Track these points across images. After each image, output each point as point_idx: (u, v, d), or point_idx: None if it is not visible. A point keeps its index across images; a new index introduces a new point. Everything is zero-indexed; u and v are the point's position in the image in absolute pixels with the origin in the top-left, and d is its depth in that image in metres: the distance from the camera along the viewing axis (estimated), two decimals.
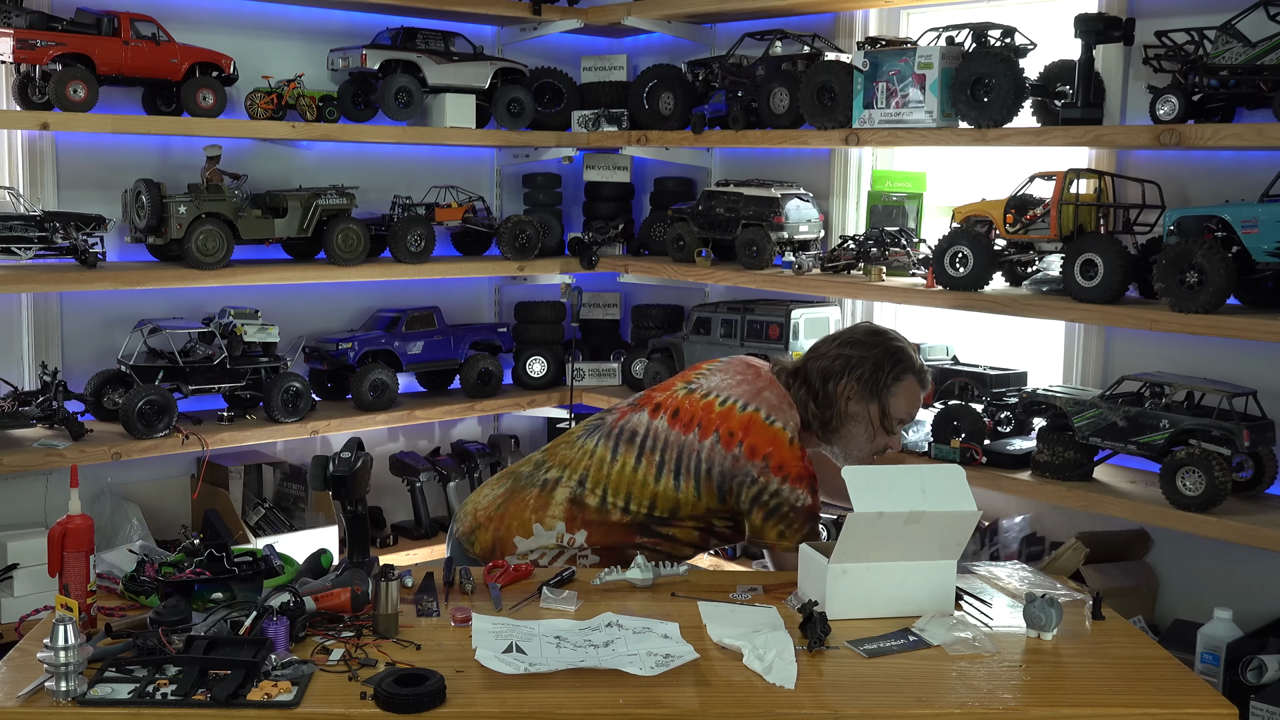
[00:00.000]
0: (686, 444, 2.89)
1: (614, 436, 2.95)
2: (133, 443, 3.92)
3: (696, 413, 2.92)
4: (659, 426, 2.93)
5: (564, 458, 2.99)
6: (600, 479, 2.91)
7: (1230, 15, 3.26)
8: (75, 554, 2.38)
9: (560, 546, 2.91)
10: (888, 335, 3.04)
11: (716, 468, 2.87)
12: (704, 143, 4.59)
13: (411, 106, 4.51)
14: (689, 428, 2.91)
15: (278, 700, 2.07)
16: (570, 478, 2.94)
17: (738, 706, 2.16)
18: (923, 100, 3.82)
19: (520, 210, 5.13)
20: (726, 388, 2.96)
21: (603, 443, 2.96)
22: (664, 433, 2.92)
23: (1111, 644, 2.48)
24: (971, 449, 3.67)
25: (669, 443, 2.90)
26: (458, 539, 3.05)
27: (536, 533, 2.92)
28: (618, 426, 2.98)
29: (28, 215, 3.83)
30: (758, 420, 2.88)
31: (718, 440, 2.87)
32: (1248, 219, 3.16)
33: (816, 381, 2.98)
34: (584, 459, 2.95)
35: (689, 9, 4.63)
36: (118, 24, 3.94)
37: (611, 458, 2.92)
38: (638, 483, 2.89)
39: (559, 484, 2.94)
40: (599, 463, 2.93)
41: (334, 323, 4.80)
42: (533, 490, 2.96)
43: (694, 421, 2.91)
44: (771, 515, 2.86)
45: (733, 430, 2.87)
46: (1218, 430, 3.21)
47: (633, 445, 2.92)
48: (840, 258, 4.24)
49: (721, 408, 2.91)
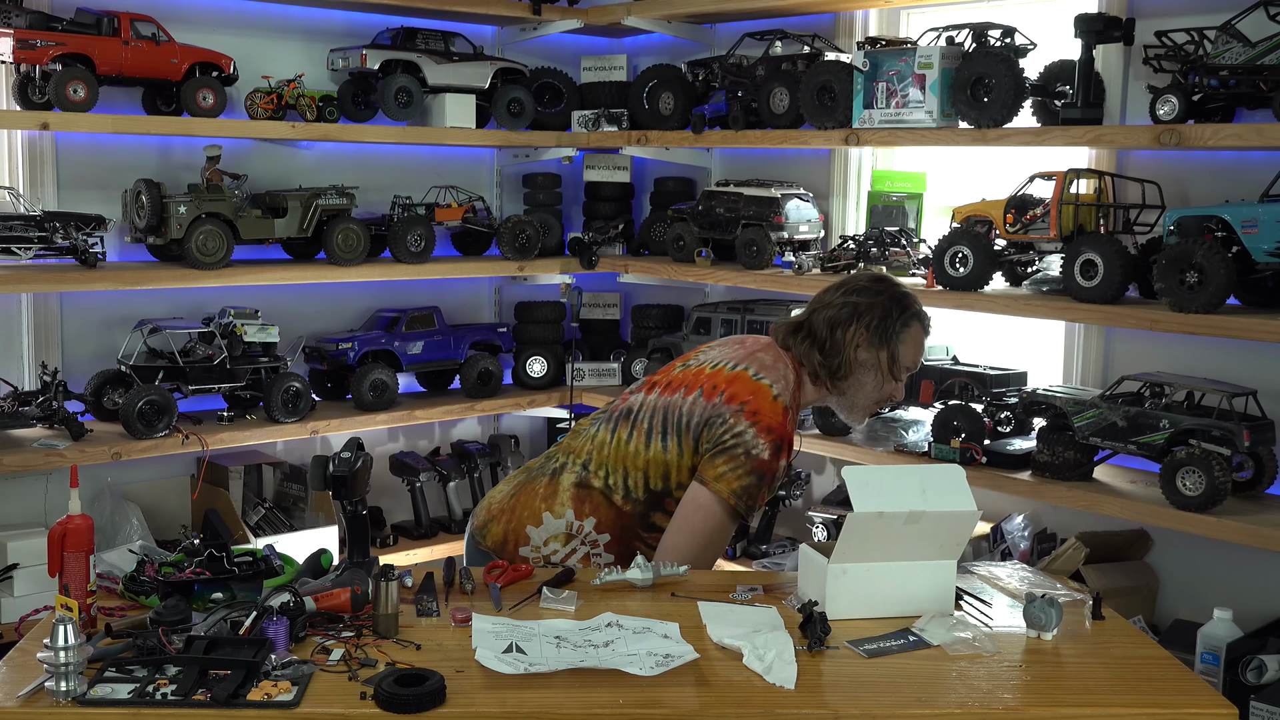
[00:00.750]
0: (671, 404, 2.86)
1: (613, 419, 2.97)
2: (133, 443, 3.92)
3: (688, 379, 2.90)
4: (651, 399, 2.91)
5: (570, 446, 3.01)
6: (601, 460, 2.92)
7: (1230, 15, 3.26)
8: (75, 554, 2.38)
9: (570, 534, 2.90)
10: (892, 282, 3.00)
11: (695, 418, 2.82)
12: (704, 143, 4.59)
13: (411, 106, 4.51)
14: (674, 390, 2.89)
15: (278, 700, 2.07)
16: (575, 463, 2.95)
17: (738, 706, 2.16)
18: (923, 100, 3.82)
19: (520, 210, 5.13)
20: (722, 357, 2.94)
21: (603, 426, 2.97)
22: (654, 402, 2.90)
23: (1111, 644, 2.48)
24: (971, 449, 3.67)
25: (656, 408, 2.88)
26: (472, 533, 3.06)
27: (546, 521, 2.92)
28: (618, 410, 2.99)
29: (28, 215, 3.83)
30: (744, 375, 2.84)
31: (700, 394, 2.83)
32: (1248, 219, 3.16)
33: (824, 331, 2.91)
34: (587, 444, 2.97)
35: (689, 9, 4.63)
36: (118, 24, 3.94)
37: (610, 438, 2.93)
38: (630, 455, 2.87)
39: (565, 470, 2.95)
40: (599, 445, 2.94)
41: (334, 323, 4.80)
42: (542, 480, 2.98)
43: (679, 386, 2.89)
44: (723, 452, 2.76)
45: (717, 384, 2.84)
46: (1218, 430, 3.21)
47: (627, 421, 2.92)
48: (840, 258, 4.24)
49: (712, 370, 2.89)
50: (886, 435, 4.06)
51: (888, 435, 4.06)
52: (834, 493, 4.41)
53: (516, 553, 2.93)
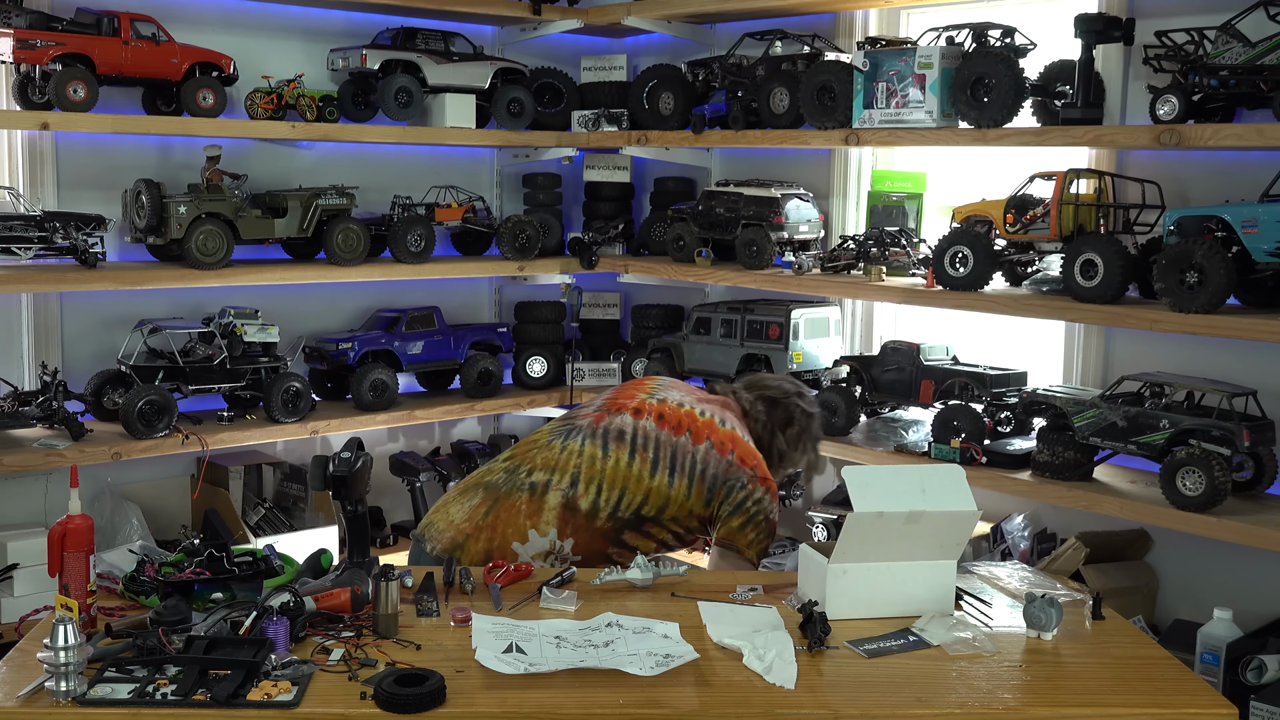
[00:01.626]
0: (680, 445, 3.00)
1: (601, 435, 3.00)
2: (133, 443, 3.92)
3: (682, 419, 3.06)
4: (647, 427, 3.03)
5: (546, 460, 3.00)
6: (594, 475, 2.94)
7: (1230, 15, 3.26)
8: (75, 554, 2.38)
9: (550, 552, 2.93)
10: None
11: (711, 470, 2.99)
12: (704, 143, 4.59)
13: (411, 106, 4.51)
14: (679, 430, 3.03)
15: (278, 700, 2.07)
16: (560, 480, 2.95)
17: (738, 706, 2.16)
18: (923, 100, 3.82)
19: (520, 210, 5.13)
20: (695, 402, 3.14)
21: (589, 442, 2.99)
22: (654, 432, 3.01)
23: (1111, 644, 2.48)
24: (971, 449, 3.67)
25: (661, 442, 3.00)
26: (438, 556, 2.95)
27: (532, 538, 2.92)
28: (600, 426, 3.02)
29: (28, 215, 3.83)
30: (738, 436, 3.09)
31: (711, 447, 3.02)
32: (1248, 219, 3.16)
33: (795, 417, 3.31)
34: (571, 459, 2.98)
35: (689, 9, 4.63)
36: (118, 24, 3.93)
37: (603, 454, 2.97)
38: (633, 478, 2.95)
39: (549, 488, 2.95)
40: (589, 460, 2.96)
41: (334, 323, 4.80)
42: (521, 495, 2.96)
43: (682, 427, 3.04)
44: (750, 522, 3.01)
45: (722, 440, 3.04)
46: (1218, 430, 3.21)
47: (623, 442, 2.99)
48: (840, 258, 4.24)
49: (703, 419, 3.08)
50: (886, 435, 4.06)
51: (888, 435, 4.06)
52: (834, 493, 4.41)
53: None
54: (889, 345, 4.12)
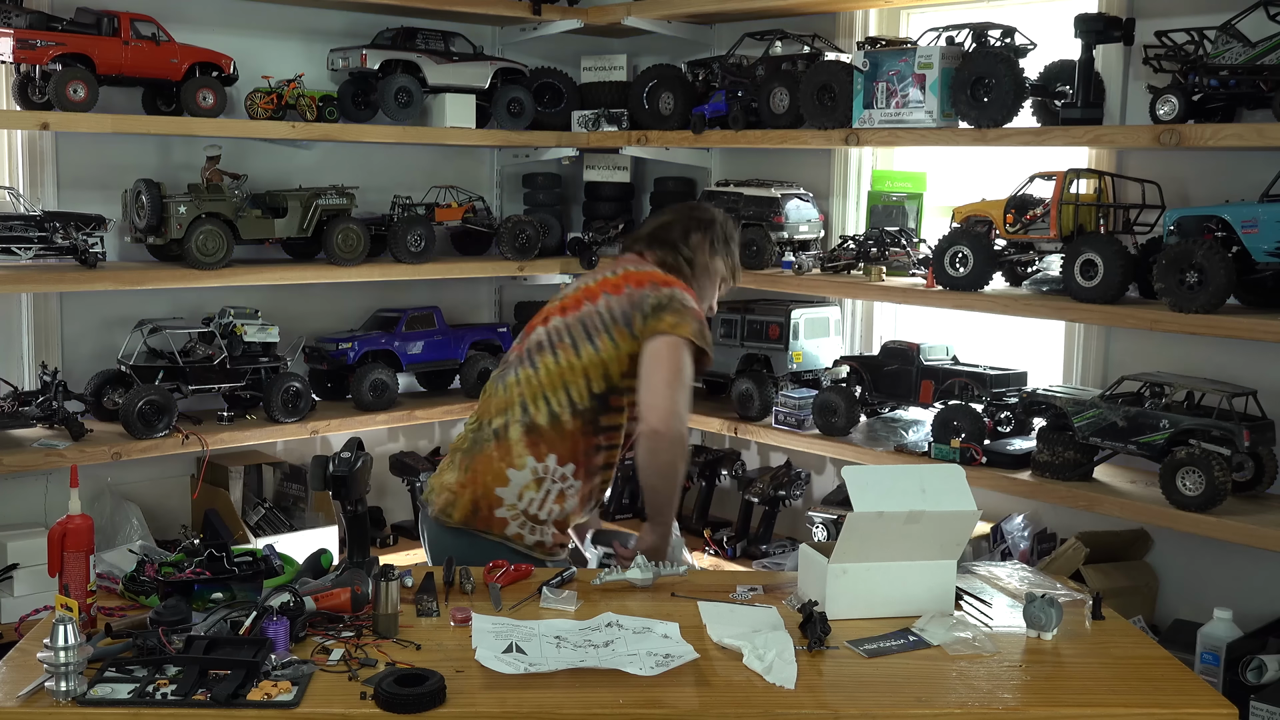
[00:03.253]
0: (584, 313, 3.05)
1: (526, 358, 3.07)
2: (133, 443, 3.92)
3: (587, 295, 3.09)
4: (556, 323, 3.08)
5: (498, 405, 3.06)
6: (535, 391, 3.00)
7: (1230, 15, 3.26)
8: (75, 554, 2.38)
9: (538, 477, 2.96)
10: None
11: (618, 309, 3.01)
12: (704, 143, 4.59)
13: (411, 106, 4.51)
14: (579, 305, 3.07)
15: (278, 700, 2.07)
16: (513, 413, 3.01)
17: (738, 706, 2.16)
18: (923, 100, 3.82)
19: (520, 210, 5.13)
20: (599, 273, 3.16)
21: (520, 369, 3.06)
22: (563, 323, 3.07)
23: (1111, 644, 2.48)
24: (971, 449, 3.67)
25: (569, 324, 3.05)
26: (435, 518, 3.06)
27: (511, 477, 2.96)
28: (523, 351, 3.09)
29: (28, 215, 3.83)
30: (632, 272, 3.10)
31: (607, 294, 3.05)
32: (1248, 219, 3.16)
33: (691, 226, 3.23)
34: (512, 393, 3.04)
35: (689, 9, 4.63)
36: (118, 24, 3.93)
37: (535, 371, 3.03)
38: (565, 369, 3.00)
39: (508, 426, 3.01)
40: (526, 381, 3.02)
41: (334, 323, 4.80)
42: (490, 445, 3.01)
43: (581, 300, 3.08)
44: (663, 310, 2.98)
45: (615, 284, 3.07)
46: (1218, 430, 3.21)
47: (543, 349, 3.05)
48: (840, 258, 4.24)
49: (614, 277, 3.10)
50: (886, 435, 4.06)
51: (888, 435, 4.06)
52: (834, 493, 4.41)
53: (492, 515, 2.95)
54: (889, 345, 4.13)
